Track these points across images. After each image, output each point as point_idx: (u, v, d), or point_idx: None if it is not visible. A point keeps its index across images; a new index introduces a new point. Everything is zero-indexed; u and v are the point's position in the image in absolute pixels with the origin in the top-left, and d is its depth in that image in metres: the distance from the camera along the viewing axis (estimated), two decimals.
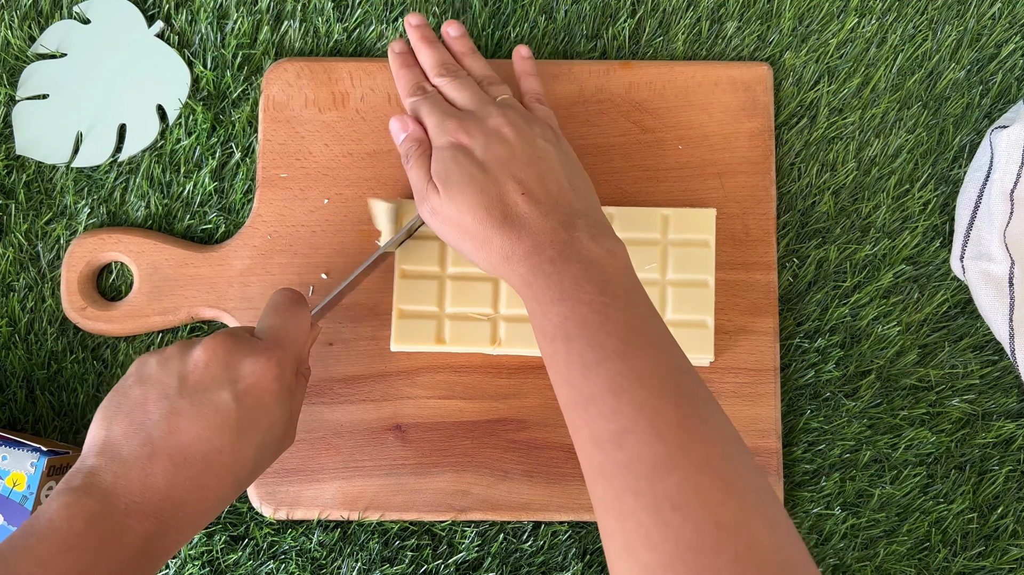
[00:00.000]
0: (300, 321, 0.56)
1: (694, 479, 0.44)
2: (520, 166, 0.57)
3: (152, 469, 0.49)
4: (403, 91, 0.63)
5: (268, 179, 0.67)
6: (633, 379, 0.48)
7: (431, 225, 0.58)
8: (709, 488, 0.44)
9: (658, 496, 0.44)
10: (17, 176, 0.68)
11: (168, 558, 0.51)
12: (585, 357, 0.49)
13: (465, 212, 0.55)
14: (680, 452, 0.45)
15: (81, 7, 0.70)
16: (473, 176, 0.56)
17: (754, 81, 0.69)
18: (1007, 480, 0.67)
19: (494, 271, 0.56)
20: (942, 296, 0.68)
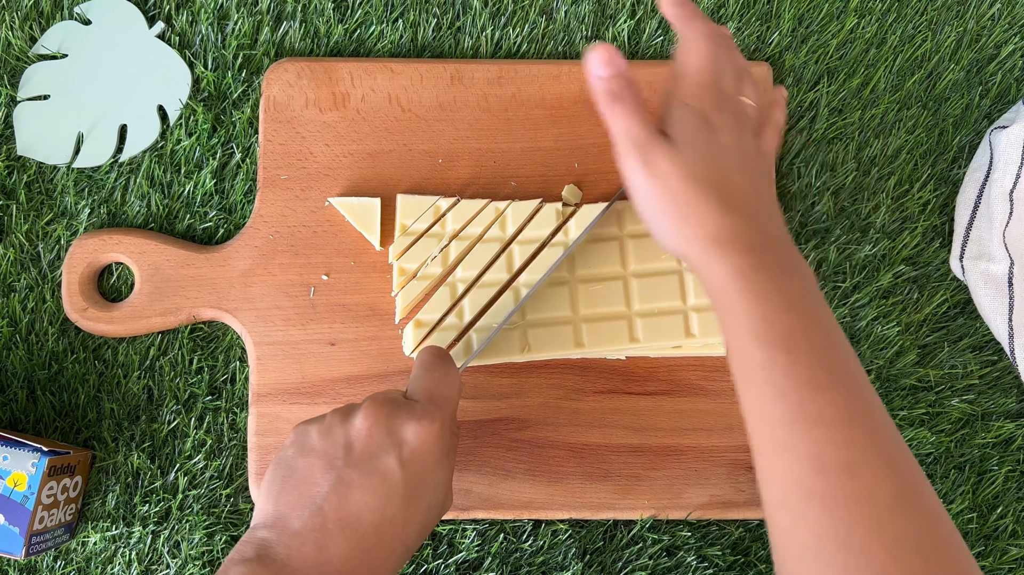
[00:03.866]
0: (451, 379, 0.55)
1: (933, 525, 0.44)
2: (752, 169, 0.54)
3: (325, 542, 0.48)
4: (690, 13, 0.56)
5: (269, 179, 0.67)
6: (866, 412, 0.47)
7: (633, 178, 0.53)
8: (947, 536, 0.44)
9: (899, 536, 0.43)
10: (18, 177, 0.68)
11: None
12: (815, 376, 0.47)
13: (689, 178, 0.51)
14: (915, 495, 0.45)
15: (82, 8, 0.70)
16: (714, 151, 0.52)
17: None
18: (1006, 480, 0.67)
19: (686, 249, 0.52)
20: (942, 296, 0.68)
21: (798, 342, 0.48)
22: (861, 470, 0.45)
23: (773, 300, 0.49)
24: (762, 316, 0.49)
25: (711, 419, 0.65)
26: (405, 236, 0.66)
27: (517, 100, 0.68)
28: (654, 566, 0.65)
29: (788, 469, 0.46)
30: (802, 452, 0.46)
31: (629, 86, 0.53)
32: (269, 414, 0.65)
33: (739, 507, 0.64)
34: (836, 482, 0.45)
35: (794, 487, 0.46)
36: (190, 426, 0.66)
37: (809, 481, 0.45)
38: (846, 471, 0.45)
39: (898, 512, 0.44)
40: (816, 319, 0.49)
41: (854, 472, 0.45)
